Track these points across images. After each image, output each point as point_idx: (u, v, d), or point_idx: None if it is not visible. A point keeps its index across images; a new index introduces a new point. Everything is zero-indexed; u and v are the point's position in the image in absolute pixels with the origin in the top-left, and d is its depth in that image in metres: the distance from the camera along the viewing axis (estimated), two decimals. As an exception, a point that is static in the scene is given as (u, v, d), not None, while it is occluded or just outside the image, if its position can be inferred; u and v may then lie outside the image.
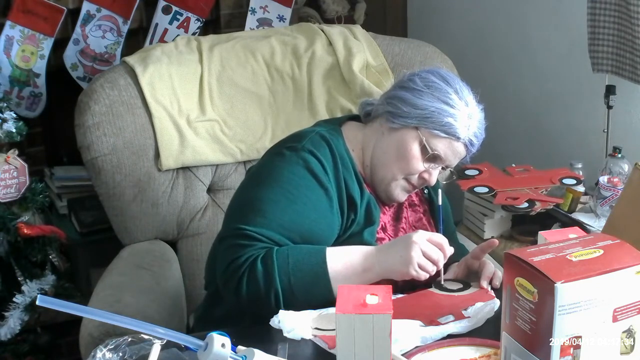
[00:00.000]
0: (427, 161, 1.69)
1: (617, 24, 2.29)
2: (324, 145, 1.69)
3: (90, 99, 2.20)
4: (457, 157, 1.72)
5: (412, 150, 1.68)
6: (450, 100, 1.68)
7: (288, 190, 1.62)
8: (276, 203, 1.61)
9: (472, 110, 1.69)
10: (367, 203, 1.71)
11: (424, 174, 1.71)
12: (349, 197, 1.68)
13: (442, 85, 1.70)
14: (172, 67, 2.29)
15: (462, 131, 1.68)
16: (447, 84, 1.70)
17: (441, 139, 1.68)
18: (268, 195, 1.62)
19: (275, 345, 1.44)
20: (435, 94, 1.68)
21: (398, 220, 1.79)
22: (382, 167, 1.72)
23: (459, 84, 1.72)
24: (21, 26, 2.70)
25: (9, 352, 2.45)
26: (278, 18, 2.95)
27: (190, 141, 2.24)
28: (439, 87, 1.69)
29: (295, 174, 1.64)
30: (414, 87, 1.70)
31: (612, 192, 2.21)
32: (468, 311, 1.53)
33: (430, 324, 1.49)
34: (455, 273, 1.71)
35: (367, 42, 2.47)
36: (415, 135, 1.68)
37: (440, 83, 1.70)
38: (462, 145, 1.70)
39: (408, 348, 1.41)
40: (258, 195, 1.63)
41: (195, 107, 2.30)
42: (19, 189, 2.48)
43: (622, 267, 1.17)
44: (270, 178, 1.65)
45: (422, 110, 1.67)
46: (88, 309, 1.26)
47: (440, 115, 1.66)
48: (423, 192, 1.86)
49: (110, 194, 2.20)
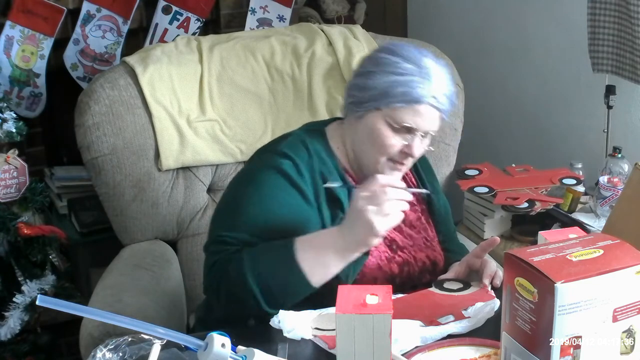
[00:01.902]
0: (399, 135, 1.67)
1: (617, 24, 2.29)
2: (301, 147, 1.70)
3: (90, 99, 2.20)
4: (429, 120, 1.67)
5: (382, 131, 1.66)
6: (399, 69, 1.65)
7: (261, 192, 1.64)
8: (249, 206, 1.63)
9: (426, 70, 1.65)
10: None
11: (404, 149, 1.68)
12: (330, 196, 1.67)
13: (388, 58, 1.68)
14: (172, 67, 2.29)
15: (421, 93, 1.64)
16: (394, 54, 1.68)
17: (403, 109, 1.65)
18: (242, 199, 1.66)
19: (275, 345, 1.44)
20: (384, 69, 1.66)
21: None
22: (363, 156, 1.72)
23: (406, 49, 1.69)
24: (21, 26, 2.70)
25: (9, 352, 2.45)
26: (278, 18, 2.95)
27: (190, 141, 2.24)
28: (386, 61, 1.67)
29: (268, 177, 1.66)
30: (365, 71, 1.70)
31: (612, 192, 2.21)
32: (468, 311, 1.53)
33: (430, 324, 1.49)
34: (457, 272, 1.71)
35: (367, 42, 2.47)
36: (380, 116, 1.66)
37: (387, 56, 1.68)
38: (429, 107, 1.65)
39: (408, 348, 1.41)
40: (233, 199, 1.69)
41: (195, 107, 2.30)
42: (19, 189, 2.48)
43: (622, 267, 1.17)
44: (246, 182, 1.70)
45: (375, 90, 1.66)
46: (88, 309, 1.26)
47: (393, 87, 1.64)
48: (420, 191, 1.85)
49: (110, 194, 2.20)
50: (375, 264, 1.69)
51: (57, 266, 2.51)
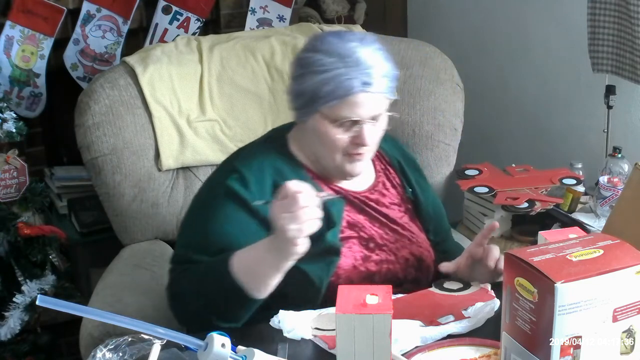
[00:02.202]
0: (344, 130, 1.64)
1: (617, 24, 2.29)
2: (253, 160, 1.69)
3: (90, 99, 2.20)
4: (370, 106, 1.62)
5: (327, 132, 1.64)
6: (322, 66, 1.60)
7: (209, 212, 1.65)
8: (197, 225, 1.67)
9: (350, 57, 1.60)
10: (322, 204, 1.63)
11: (355, 140, 1.64)
12: None
13: (311, 57, 1.63)
14: (172, 67, 2.29)
15: (349, 85, 1.59)
16: (315, 51, 1.63)
17: (339, 105, 1.61)
18: (193, 218, 1.71)
19: (275, 345, 1.44)
20: (309, 69, 1.63)
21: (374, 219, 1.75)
22: (320, 157, 1.70)
23: (327, 42, 1.63)
24: (21, 26, 2.70)
25: (9, 352, 2.45)
26: (278, 18, 2.95)
27: (190, 141, 2.24)
28: (310, 61, 1.63)
29: (215, 194, 1.67)
30: (295, 75, 1.67)
31: (612, 192, 2.20)
32: (468, 311, 1.53)
33: (430, 324, 1.49)
34: (458, 263, 1.67)
35: (367, 42, 2.47)
36: (320, 117, 1.64)
37: (310, 55, 1.64)
38: (363, 94, 1.60)
39: (408, 348, 1.41)
40: (187, 218, 1.74)
41: (195, 107, 2.30)
42: (19, 189, 2.48)
43: (622, 267, 1.17)
44: (198, 200, 1.74)
45: (306, 95, 1.63)
46: (88, 309, 1.26)
47: (320, 88, 1.60)
48: (405, 191, 1.84)
49: (110, 194, 2.20)
50: (350, 264, 1.67)
51: (57, 266, 2.51)
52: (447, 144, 2.42)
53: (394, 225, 1.77)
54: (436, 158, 2.40)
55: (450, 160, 2.44)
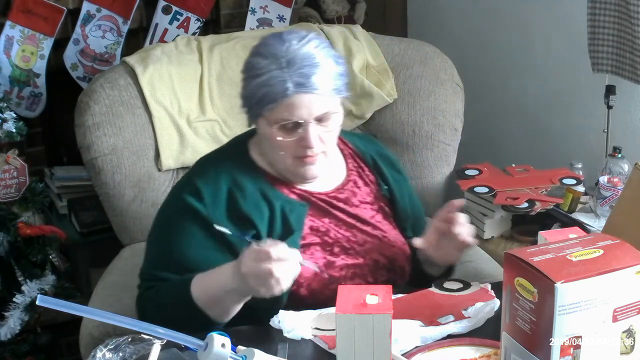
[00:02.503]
0: (286, 134, 1.61)
1: (617, 24, 2.29)
2: (209, 172, 1.68)
3: (90, 99, 2.20)
4: (310, 107, 1.59)
5: (272, 135, 1.61)
6: (259, 70, 1.59)
7: (167, 227, 1.66)
8: (158, 243, 1.68)
9: (285, 58, 1.57)
10: (281, 211, 1.66)
11: (301, 142, 1.61)
12: (239, 217, 1.63)
13: (250, 61, 1.62)
14: (172, 67, 2.29)
15: (283, 86, 1.56)
16: (253, 55, 1.62)
17: (277, 108, 1.58)
18: (155, 234, 1.70)
19: (275, 345, 1.44)
20: (250, 74, 1.61)
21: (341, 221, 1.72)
22: (273, 161, 1.69)
23: (265, 43, 1.62)
24: (21, 26, 2.70)
25: (9, 352, 2.45)
26: (278, 18, 2.95)
27: (191, 141, 2.24)
28: (250, 65, 1.62)
29: (173, 210, 1.67)
30: (242, 80, 1.66)
31: (612, 192, 2.20)
32: (468, 311, 1.53)
33: (430, 324, 1.49)
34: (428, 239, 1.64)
35: (367, 42, 2.47)
36: (263, 122, 1.62)
37: (251, 59, 1.63)
38: (299, 95, 1.57)
39: (408, 348, 1.41)
40: (150, 233, 1.72)
41: (196, 107, 2.30)
42: (19, 189, 2.48)
43: (622, 267, 1.17)
44: (158, 216, 1.73)
45: (248, 99, 1.63)
46: (88, 309, 1.26)
47: (257, 92, 1.59)
48: (380, 188, 1.81)
49: (110, 194, 2.20)
50: (311, 272, 1.62)
51: (57, 266, 2.51)
52: (447, 144, 2.42)
53: (364, 225, 1.74)
54: (436, 158, 2.40)
55: (450, 160, 2.44)
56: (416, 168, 2.39)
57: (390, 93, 2.40)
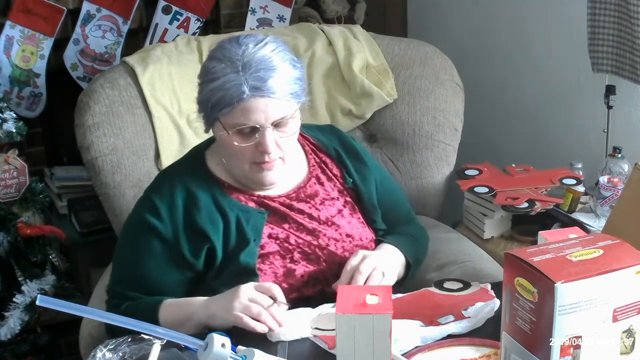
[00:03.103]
0: (241, 138, 1.59)
1: (617, 24, 2.29)
2: (164, 187, 1.67)
3: (90, 99, 2.20)
4: (266, 111, 1.56)
5: (228, 140, 1.60)
6: (214, 74, 1.57)
7: (128, 245, 1.69)
8: (123, 259, 1.70)
9: (240, 62, 1.55)
10: (236, 221, 1.65)
11: (258, 148, 1.59)
12: (195, 231, 1.63)
13: (206, 65, 1.61)
14: (172, 67, 2.29)
15: (238, 90, 1.54)
16: (209, 59, 1.60)
17: (232, 113, 1.56)
18: (119, 251, 1.72)
19: (275, 345, 1.44)
20: (205, 78, 1.60)
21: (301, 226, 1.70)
22: (231, 168, 1.67)
23: (222, 48, 1.60)
24: (21, 26, 2.70)
25: (9, 352, 2.45)
26: (278, 18, 2.95)
27: (191, 141, 2.24)
28: (205, 69, 1.61)
29: (134, 228, 1.69)
30: (197, 85, 1.64)
31: (612, 192, 2.20)
32: (468, 311, 1.53)
33: (430, 324, 1.49)
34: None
35: (367, 42, 2.47)
36: (219, 126, 1.60)
37: (206, 63, 1.61)
38: (255, 99, 1.55)
39: (408, 348, 1.41)
40: (115, 250, 1.74)
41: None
42: (19, 189, 2.48)
43: (622, 267, 1.17)
44: (122, 233, 1.76)
45: (204, 104, 1.61)
46: (88, 309, 1.26)
47: (212, 96, 1.57)
48: (345, 181, 1.78)
49: (110, 194, 2.20)
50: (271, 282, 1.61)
51: (57, 266, 2.51)
52: (447, 144, 2.42)
53: (327, 227, 1.71)
54: (436, 158, 2.40)
55: (450, 160, 2.44)
56: (416, 168, 2.39)
57: (390, 93, 2.40)
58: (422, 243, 1.89)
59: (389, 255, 1.72)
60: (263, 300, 1.49)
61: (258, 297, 1.49)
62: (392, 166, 2.39)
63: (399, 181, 2.36)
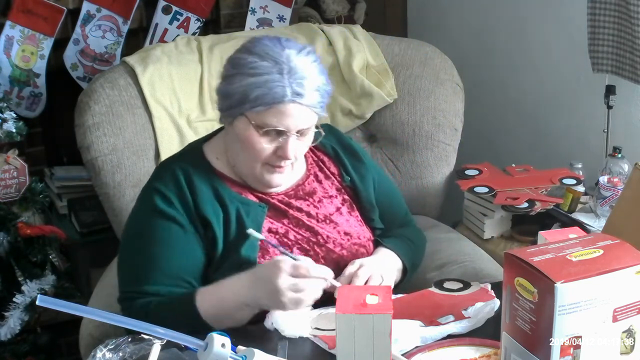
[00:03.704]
0: (268, 139, 1.60)
1: (617, 24, 2.29)
2: (168, 177, 1.65)
3: (90, 99, 2.20)
4: (298, 119, 1.58)
5: (251, 137, 1.59)
6: (255, 69, 1.56)
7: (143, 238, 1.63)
8: (135, 255, 1.64)
9: (286, 65, 1.56)
10: (236, 213, 1.65)
11: (277, 152, 1.61)
12: (201, 218, 1.63)
13: (244, 58, 1.58)
14: (172, 67, 2.29)
15: (280, 92, 1.55)
16: (249, 53, 1.58)
17: (266, 112, 1.56)
18: (128, 249, 1.67)
19: (275, 345, 1.44)
20: (241, 71, 1.58)
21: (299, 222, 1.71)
22: (239, 163, 1.67)
23: (263, 45, 1.59)
24: (21, 26, 2.70)
25: (9, 352, 2.45)
26: (278, 18, 2.95)
27: (190, 141, 2.24)
28: (242, 62, 1.58)
29: (147, 222, 1.64)
30: (226, 75, 1.62)
31: (612, 192, 2.20)
32: (468, 311, 1.53)
33: (430, 324, 1.49)
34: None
35: (367, 42, 2.47)
36: (245, 121, 1.59)
37: (244, 56, 1.59)
38: (293, 104, 1.56)
39: (408, 348, 1.41)
40: (125, 253, 1.68)
41: (196, 107, 2.30)
42: (19, 189, 2.48)
43: (622, 267, 1.17)
44: (130, 232, 1.69)
45: (235, 96, 1.58)
46: (88, 309, 1.26)
47: (250, 91, 1.55)
48: (343, 179, 1.79)
49: (110, 194, 2.20)
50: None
51: (57, 266, 2.51)
52: (447, 144, 2.42)
53: (325, 224, 1.72)
54: (436, 158, 2.40)
55: (450, 160, 2.44)
56: (416, 168, 2.39)
57: (390, 93, 2.40)
58: (419, 247, 1.89)
59: (385, 260, 1.72)
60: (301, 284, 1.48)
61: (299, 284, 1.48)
62: (392, 166, 2.39)
63: (399, 181, 2.36)
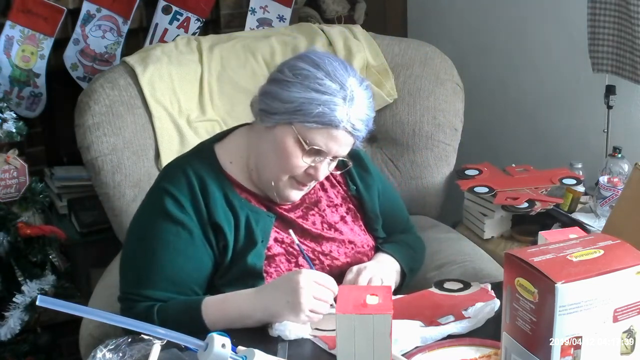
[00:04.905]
0: (307, 156, 1.57)
1: (617, 24, 2.29)
2: (181, 179, 1.62)
3: (90, 99, 2.20)
4: (343, 146, 1.58)
5: (289, 148, 1.56)
6: (321, 86, 1.53)
7: (152, 244, 1.60)
8: (140, 257, 1.61)
9: (350, 92, 1.54)
10: (246, 221, 1.63)
11: (309, 170, 1.59)
12: (213, 224, 1.61)
13: (311, 71, 1.55)
14: (172, 67, 2.29)
15: (340, 117, 1.53)
16: (317, 68, 1.55)
17: (318, 130, 1.54)
18: (137, 252, 1.63)
19: (275, 345, 1.44)
20: (304, 82, 1.54)
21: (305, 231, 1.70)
22: (264, 169, 1.63)
23: (332, 65, 1.56)
24: (21, 26, 2.70)
25: (9, 352, 2.45)
26: (278, 18, 2.95)
27: (190, 141, 2.24)
28: (307, 74, 1.54)
29: (155, 225, 1.61)
30: (283, 79, 1.57)
31: (612, 192, 2.20)
32: (468, 311, 1.53)
33: (430, 324, 1.49)
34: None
35: (367, 42, 2.47)
36: (290, 132, 1.55)
37: (309, 69, 1.55)
38: (345, 132, 1.55)
39: (408, 348, 1.41)
40: (129, 253, 1.66)
41: (196, 107, 2.30)
42: (19, 189, 2.47)
43: (623, 267, 1.17)
44: (138, 234, 1.66)
45: (290, 104, 1.54)
46: (88, 309, 1.26)
47: (310, 105, 1.52)
48: (349, 188, 1.78)
49: (110, 194, 2.20)
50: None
51: (57, 266, 2.51)
52: (447, 144, 2.42)
53: (330, 231, 1.72)
54: (436, 158, 2.40)
55: (450, 160, 2.44)
56: (416, 168, 2.39)
57: (390, 93, 2.40)
58: (418, 252, 1.90)
59: (383, 264, 1.72)
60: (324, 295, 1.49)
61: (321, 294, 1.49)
62: (392, 166, 2.39)
63: (399, 181, 2.36)
